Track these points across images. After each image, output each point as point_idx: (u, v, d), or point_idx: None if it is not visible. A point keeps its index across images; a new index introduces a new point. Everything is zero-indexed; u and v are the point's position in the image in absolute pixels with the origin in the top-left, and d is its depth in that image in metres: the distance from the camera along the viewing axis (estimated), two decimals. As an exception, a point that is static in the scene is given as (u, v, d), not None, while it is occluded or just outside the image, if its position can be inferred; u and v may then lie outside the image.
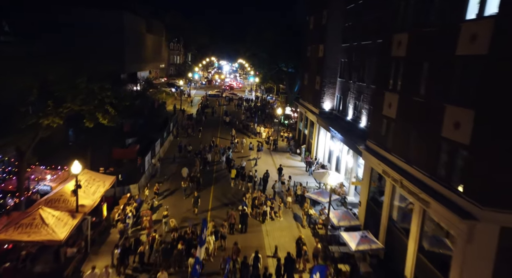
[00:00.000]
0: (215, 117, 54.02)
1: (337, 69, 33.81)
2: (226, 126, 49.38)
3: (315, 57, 37.91)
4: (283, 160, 36.05)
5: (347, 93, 30.50)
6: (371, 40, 26.02)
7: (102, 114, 20.03)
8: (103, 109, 20.25)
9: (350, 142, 25.38)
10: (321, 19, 36.11)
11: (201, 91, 79.57)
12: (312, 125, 38.14)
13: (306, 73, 42.09)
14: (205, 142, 38.66)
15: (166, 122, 43.91)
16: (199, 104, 59.70)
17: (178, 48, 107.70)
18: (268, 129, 44.23)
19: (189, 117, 48.83)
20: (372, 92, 25.08)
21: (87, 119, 19.66)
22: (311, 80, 39.06)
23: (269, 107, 61.28)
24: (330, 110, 34.57)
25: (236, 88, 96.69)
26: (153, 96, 54.88)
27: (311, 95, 38.70)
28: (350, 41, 30.50)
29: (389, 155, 18.74)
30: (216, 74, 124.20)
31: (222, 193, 26.77)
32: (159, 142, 33.20)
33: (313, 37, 39.25)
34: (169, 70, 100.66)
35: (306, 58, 42.49)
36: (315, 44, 37.99)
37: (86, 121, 19.77)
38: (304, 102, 41.57)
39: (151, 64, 61.22)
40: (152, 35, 58.93)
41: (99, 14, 41.77)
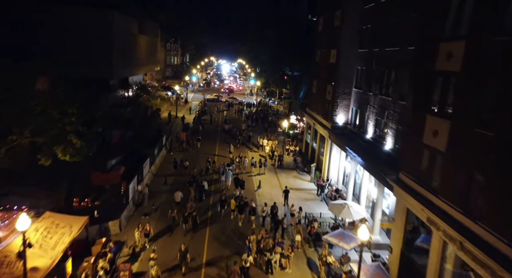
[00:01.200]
0: (213, 126, 49.68)
1: (352, 78, 29.54)
2: (226, 134, 45.11)
3: (325, 63, 33.61)
4: (290, 180, 31.77)
5: (365, 106, 26.22)
6: (398, 46, 21.74)
7: (62, 148, 15.73)
8: (65, 140, 15.94)
9: (374, 169, 21.09)
10: (332, 20, 31.81)
11: (199, 95, 75.23)
12: (322, 140, 33.87)
13: (314, 80, 37.80)
14: (202, 161, 34.39)
15: (159, 134, 39.62)
16: (196, 111, 55.35)
17: (176, 48, 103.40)
18: (272, 141, 39.94)
19: (185, 128, 44.50)
20: (401, 110, 20.80)
21: (41, 156, 15.35)
22: (320, 88, 34.77)
23: (272, 115, 56.97)
24: (344, 124, 30.30)
25: (236, 90, 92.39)
26: (146, 103, 50.68)
27: (321, 106, 34.41)
28: (369, 46, 26.22)
29: (437, 199, 14.45)
30: (215, 75, 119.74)
31: (221, 232, 21.96)
32: (148, 162, 28.87)
33: (323, 41, 34.95)
34: (165, 72, 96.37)
35: (315, 63, 38.18)
36: (326, 49, 33.68)
37: (41, 158, 15.47)
38: (312, 112, 37.28)
39: (144, 67, 56.86)
40: (145, 36, 54.54)
41: (82, 13, 37.45)
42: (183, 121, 48.46)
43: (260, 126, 50.52)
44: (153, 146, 33.19)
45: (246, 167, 31.66)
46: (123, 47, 44.41)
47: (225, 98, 70.18)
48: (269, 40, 53.34)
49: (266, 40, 53.88)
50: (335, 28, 31.35)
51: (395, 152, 21.14)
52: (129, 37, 46.93)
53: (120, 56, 43.17)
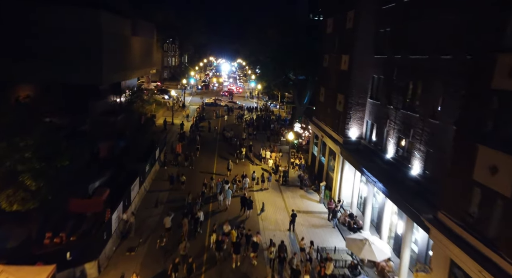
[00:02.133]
0: (212, 134, 46.31)
1: (367, 87, 26.26)
2: (226, 144, 41.78)
3: (335, 69, 30.30)
4: (297, 200, 28.48)
5: (383, 121, 22.94)
6: (427, 54, 18.46)
7: (8, 195, 12.34)
8: (14, 185, 12.47)
9: (401, 202, 17.79)
10: (344, 22, 28.49)
11: (197, 98, 71.84)
12: (332, 154, 30.59)
13: (322, 87, 34.48)
14: (199, 180, 31.11)
15: (153, 145, 36.32)
16: (194, 117, 51.96)
17: (173, 49, 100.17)
18: (276, 154, 36.63)
19: (181, 137, 41.14)
20: (432, 130, 17.53)
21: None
22: (330, 97, 31.46)
23: (274, 121, 53.63)
24: (358, 139, 27.02)
25: (236, 93, 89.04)
26: (140, 109, 47.37)
27: (330, 117, 31.11)
28: (389, 52, 22.94)
29: (500, 258, 11.17)
30: (214, 77, 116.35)
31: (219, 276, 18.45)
32: (137, 182, 25.52)
33: (333, 44, 31.63)
34: (163, 74, 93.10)
35: (322, 68, 34.86)
36: (336, 54, 30.36)
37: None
38: (319, 122, 33.97)
39: (139, 71, 53.45)
40: (140, 38, 51.14)
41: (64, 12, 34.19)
42: (182, 128, 45.17)
43: (262, 135, 47.20)
44: (145, 161, 29.85)
45: (246, 188, 28.16)
46: (114, 50, 41.04)
47: (224, 102, 66.81)
48: (271, 41, 50.13)
49: (268, 41, 50.63)
50: (347, 31, 28.03)
51: (426, 179, 17.87)
52: (121, 39, 43.54)
53: (110, 60, 39.82)
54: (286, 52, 45.58)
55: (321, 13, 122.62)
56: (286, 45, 46.35)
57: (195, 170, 32.69)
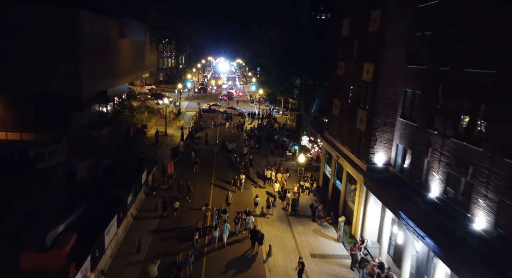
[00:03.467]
0: (209, 148, 41.45)
1: (396, 103, 21.48)
2: (224, 162, 36.96)
3: (355, 79, 25.52)
4: (310, 238, 23.67)
5: (423, 149, 18.17)
6: (495, 68, 13.68)
7: None
8: None
9: (463, 272, 12.95)
10: (366, 23, 23.66)
11: (194, 103, 66.94)
12: (351, 180, 25.83)
13: (336, 99, 29.67)
14: (193, 216, 26.35)
15: (140, 165, 31.53)
16: (189, 128, 47.07)
17: (170, 49, 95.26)
18: (282, 174, 31.82)
19: (174, 153, 36.27)
20: (509, 173, 12.74)
21: None
22: (347, 112, 26.66)
23: (278, 131, 48.74)
24: (385, 166, 22.23)
25: (236, 96, 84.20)
26: (129, 120, 42.55)
27: (348, 136, 26.31)
28: (430, 62, 18.16)
29: None
30: (213, 79, 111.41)
31: None
32: (114, 222, 20.63)
33: (350, 50, 26.84)
34: (158, 76, 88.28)
35: (336, 77, 30.06)
36: (355, 62, 25.57)
37: None
38: (334, 140, 29.19)
39: (129, 75, 48.70)
40: (129, 40, 46.34)
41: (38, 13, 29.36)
42: (183, 138, 40.76)
43: (265, 147, 42.40)
44: (129, 188, 24.98)
45: (250, 228, 23.13)
46: (98, 55, 36.26)
47: (223, 108, 61.94)
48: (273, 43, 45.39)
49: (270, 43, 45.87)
50: (370, 35, 23.21)
51: (498, 241, 13.09)
52: (106, 42, 38.74)
53: (93, 66, 35.03)
54: (291, 55, 40.81)
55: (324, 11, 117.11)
56: (291, 48, 41.63)
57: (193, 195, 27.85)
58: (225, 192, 27.72)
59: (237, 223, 22.46)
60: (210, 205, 25.68)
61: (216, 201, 27.25)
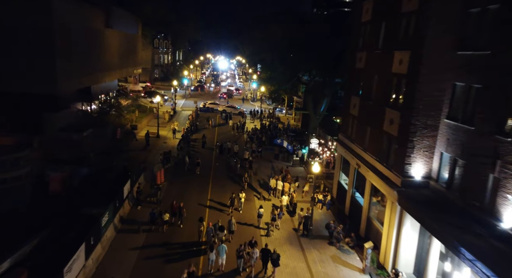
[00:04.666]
0: (207, 152, 36.94)
1: (440, 100, 16.99)
2: (224, 170, 32.47)
3: (382, 73, 21.00)
4: (329, 268, 19.14)
5: (486, 160, 13.67)
6: None
7: None
8: None
9: None
10: (399, 1, 19.11)
11: (191, 102, 62.28)
12: (376, 193, 21.35)
13: (356, 97, 25.12)
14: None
15: (125, 172, 27.07)
16: (184, 129, 42.48)
17: (166, 45, 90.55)
18: (291, 183, 27.33)
19: (165, 158, 31.72)
20: None
21: None
22: (371, 112, 22.13)
23: (283, 133, 44.14)
24: (425, 179, 17.76)
25: (236, 95, 79.68)
26: (117, 120, 38.00)
27: (372, 141, 21.79)
28: (495, 47, 13.65)
29: None
30: (211, 76, 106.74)
31: None
32: (82, 252, 16.09)
33: (374, 37, 22.30)
34: (153, 73, 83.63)
35: (355, 71, 25.54)
36: (383, 50, 21.03)
37: None
38: (352, 145, 24.68)
39: (118, 71, 44.11)
40: (117, 32, 41.76)
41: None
42: (185, 139, 36.48)
43: (269, 150, 37.94)
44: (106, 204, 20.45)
45: (255, 263, 18.38)
46: (79, 47, 31.72)
47: (221, 107, 57.36)
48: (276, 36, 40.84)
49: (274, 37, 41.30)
50: (405, 15, 18.67)
51: None
52: (89, 33, 34.16)
53: (72, 60, 30.50)
54: (297, 49, 36.27)
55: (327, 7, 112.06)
56: (296, 42, 37.07)
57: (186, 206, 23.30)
58: (222, 214, 23.11)
59: (240, 257, 17.77)
60: (206, 220, 21.29)
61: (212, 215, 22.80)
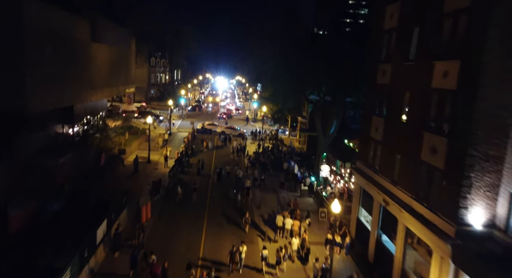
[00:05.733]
0: (202, 179, 32.56)
1: (507, 125, 12.86)
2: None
3: (416, 88, 16.97)
4: None
5: None
6: None
7: None
8: None
9: None
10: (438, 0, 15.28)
11: (188, 123, 58.23)
12: (411, 238, 16.91)
13: (379, 117, 21.03)
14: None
15: (103, 208, 22.65)
16: (178, 152, 38.18)
17: (163, 64, 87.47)
18: (301, 221, 22.87)
19: (154, 188, 27.34)
20: None
21: None
22: (402, 137, 17.95)
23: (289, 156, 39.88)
24: (487, 228, 13.42)
25: (236, 114, 75.91)
26: (102, 144, 33.77)
27: (407, 174, 17.51)
28: None
29: None
30: (210, 96, 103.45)
31: None
32: None
33: (403, 46, 18.41)
34: (149, 93, 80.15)
35: (377, 87, 21.57)
36: (418, 62, 17.08)
37: None
38: (377, 177, 20.40)
39: (107, 89, 40.15)
40: (106, 46, 38.11)
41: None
42: (178, 164, 32.14)
43: (272, 177, 33.64)
44: (73, 252, 15.95)
45: None
46: (57, 60, 27.85)
47: (220, 128, 53.27)
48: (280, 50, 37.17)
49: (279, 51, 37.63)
50: (449, 16, 14.79)
51: None
52: (70, 45, 30.38)
53: (47, 74, 26.56)
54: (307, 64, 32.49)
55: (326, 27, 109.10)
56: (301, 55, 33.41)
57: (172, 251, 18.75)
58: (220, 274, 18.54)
59: None
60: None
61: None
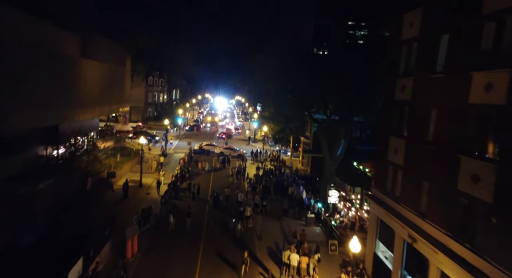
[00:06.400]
0: (198, 205, 29.68)
1: None
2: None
3: (449, 104, 14.43)
4: None
5: None
6: None
7: None
8: None
9: None
10: (473, 3, 12.94)
11: (185, 143, 55.59)
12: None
13: (398, 138, 18.44)
14: None
15: (84, 242, 19.74)
16: (173, 175, 35.35)
17: (161, 83, 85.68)
18: (309, 254, 19.90)
19: (144, 217, 24.45)
20: None
21: None
22: (432, 163, 15.27)
23: (292, 182, 37.06)
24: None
25: (235, 134, 73.41)
26: (90, 167, 31.04)
27: (440, 207, 14.74)
28: None
29: None
30: (209, 116, 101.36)
31: None
32: None
33: (429, 56, 16.02)
34: (146, 112, 77.91)
35: (394, 104, 19.07)
36: (449, 74, 14.62)
37: None
38: (400, 208, 17.60)
39: (98, 108, 37.74)
40: (98, 63, 35.93)
41: None
42: (173, 188, 29.00)
43: (275, 202, 30.76)
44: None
45: None
46: (39, 75, 25.51)
47: (218, 148, 50.60)
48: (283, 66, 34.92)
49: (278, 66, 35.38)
50: (489, 18, 12.42)
51: None
52: (56, 60, 28.11)
53: (27, 90, 24.16)
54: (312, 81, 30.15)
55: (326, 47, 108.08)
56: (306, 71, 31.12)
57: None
58: None
59: None
60: None
61: None
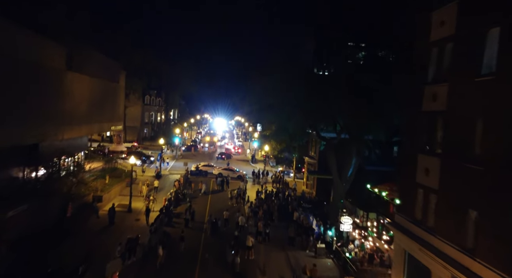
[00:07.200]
0: (193, 234, 26.36)
1: None
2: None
3: (501, 112, 11.60)
4: None
5: None
6: None
7: None
8: None
9: None
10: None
11: (181, 164, 52.46)
12: None
13: (430, 156, 15.51)
14: None
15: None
16: (165, 199, 32.11)
17: (158, 102, 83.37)
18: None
19: (129, 249, 21.15)
20: None
21: None
22: (480, 186, 12.30)
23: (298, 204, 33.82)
24: None
25: (234, 154, 70.48)
26: (74, 190, 27.91)
27: (498, 243, 11.67)
28: None
29: None
30: (208, 136, 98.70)
31: None
32: None
33: (469, 58, 13.33)
34: (142, 132, 75.13)
35: (422, 116, 16.26)
36: (501, 77, 11.86)
37: None
38: (437, 241, 14.50)
39: (86, 126, 34.86)
40: (87, 78, 33.39)
41: None
42: (166, 214, 25.57)
43: (279, 230, 27.50)
44: None
45: None
46: (14, 89, 22.77)
47: (217, 170, 47.45)
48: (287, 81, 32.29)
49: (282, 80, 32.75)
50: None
51: None
52: (36, 73, 25.47)
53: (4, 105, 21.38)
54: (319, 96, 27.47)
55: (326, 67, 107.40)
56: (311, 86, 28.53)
57: None
58: None
59: None
60: None
61: None
